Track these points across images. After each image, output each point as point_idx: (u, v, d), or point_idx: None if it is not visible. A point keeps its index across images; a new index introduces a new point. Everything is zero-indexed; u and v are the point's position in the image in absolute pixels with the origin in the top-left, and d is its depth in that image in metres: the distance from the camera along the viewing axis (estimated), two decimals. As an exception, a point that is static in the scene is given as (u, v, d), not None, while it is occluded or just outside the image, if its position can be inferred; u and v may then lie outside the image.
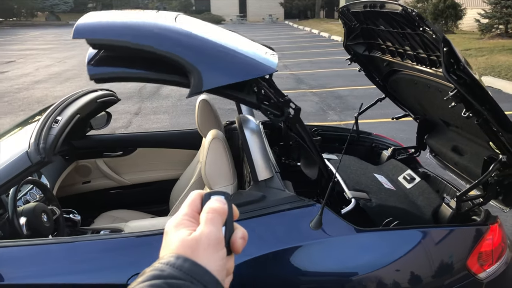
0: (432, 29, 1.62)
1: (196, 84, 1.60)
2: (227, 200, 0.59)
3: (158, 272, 0.49)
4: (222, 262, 0.53)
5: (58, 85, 10.59)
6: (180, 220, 0.56)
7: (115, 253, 1.76)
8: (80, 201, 3.17)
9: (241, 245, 0.56)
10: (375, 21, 2.19)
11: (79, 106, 2.26)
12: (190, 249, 0.52)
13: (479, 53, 12.40)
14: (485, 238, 1.82)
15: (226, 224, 0.57)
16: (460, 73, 1.59)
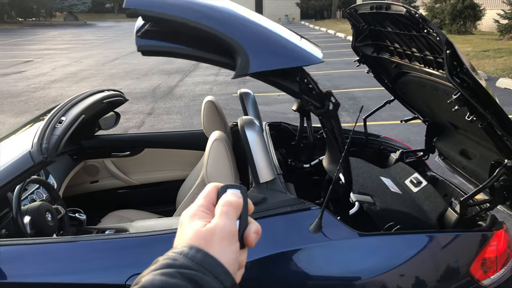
0: (436, 31, 1.59)
1: (243, 66, 1.58)
2: (243, 194, 0.59)
3: (171, 261, 0.50)
4: (235, 255, 0.54)
5: (74, 85, 10.72)
6: (195, 211, 0.57)
7: (115, 253, 1.77)
8: (88, 200, 3.20)
9: (254, 239, 0.57)
10: (383, 22, 2.16)
11: (85, 106, 2.28)
12: (204, 240, 0.53)
13: (497, 54, 12.20)
14: (489, 244, 1.78)
15: (241, 218, 0.57)
16: (463, 76, 1.56)
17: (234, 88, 9.85)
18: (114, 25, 36.50)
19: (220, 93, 9.40)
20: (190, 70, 12.80)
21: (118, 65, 14.03)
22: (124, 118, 7.43)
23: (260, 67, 1.62)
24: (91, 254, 1.77)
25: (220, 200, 0.58)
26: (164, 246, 1.70)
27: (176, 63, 14.28)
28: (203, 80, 11.19)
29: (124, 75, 12.10)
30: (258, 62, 1.62)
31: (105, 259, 1.76)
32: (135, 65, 13.98)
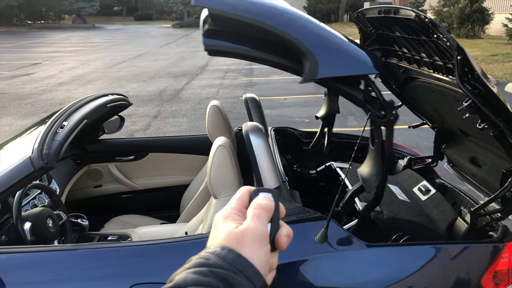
0: (446, 36, 1.54)
1: (312, 71, 1.54)
2: (275, 198, 0.60)
3: (204, 260, 0.52)
4: (266, 257, 0.55)
5: (81, 87, 10.75)
6: (228, 213, 0.59)
7: (117, 262, 1.73)
8: (91, 205, 3.17)
9: (285, 242, 0.58)
10: (391, 27, 2.12)
11: (88, 111, 2.25)
12: (236, 241, 0.54)
13: (506, 59, 12.09)
14: (501, 256, 1.73)
15: (272, 221, 0.59)
16: (474, 82, 1.51)
17: (240, 92, 9.83)
18: (122, 28, 36.68)
19: (226, 96, 9.38)
20: (196, 73, 12.79)
21: (125, 68, 14.06)
22: (130, 121, 7.42)
23: (329, 72, 1.59)
24: (92, 262, 1.73)
25: (252, 203, 0.59)
26: (167, 255, 1.66)
27: (183, 66, 14.29)
28: (210, 83, 11.18)
29: (131, 78, 12.11)
30: (327, 68, 1.59)
31: (107, 268, 1.72)
32: (142, 68, 14.00)
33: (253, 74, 12.57)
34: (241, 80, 11.59)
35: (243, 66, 14.10)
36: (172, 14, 45.78)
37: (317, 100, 8.90)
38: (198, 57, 16.88)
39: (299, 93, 9.62)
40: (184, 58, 16.79)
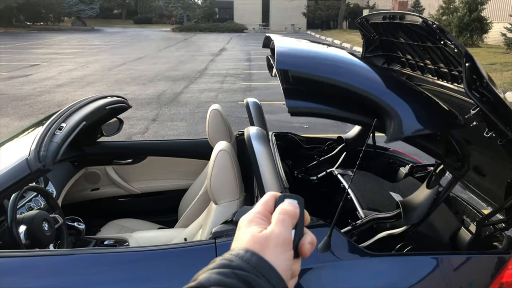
0: (454, 42, 1.51)
1: (397, 130, 1.55)
2: (300, 204, 0.60)
3: (227, 262, 0.53)
4: (289, 262, 0.56)
5: (79, 89, 10.70)
6: (253, 217, 0.59)
7: (113, 268, 1.69)
8: (88, 208, 3.13)
9: (309, 250, 0.59)
10: (395, 33, 2.09)
11: (86, 113, 2.21)
12: (259, 245, 0.55)
13: (504, 68, 12.12)
14: (507, 268, 1.69)
15: (296, 227, 0.59)
16: (483, 90, 1.48)
17: (239, 96, 9.80)
18: (122, 31, 36.70)
19: (225, 101, 9.35)
20: (195, 77, 12.77)
21: (124, 71, 14.03)
22: (128, 124, 7.38)
23: (414, 131, 1.61)
24: (88, 268, 1.69)
25: (277, 208, 0.60)
26: (164, 262, 1.62)
27: (182, 70, 14.28)
28: (209, 87, 11.15)
29: (130, 81, 12.08)
30: (412, 126, 1.61)
31: (103, 273, 1.67)
32: (142, 71, 13.97)
33: (252, 79, 12.56)
34: (240, 84, 11.57)
35: (242, 71, 14.10)
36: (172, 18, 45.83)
37: (316, 106, 8.87)
38: (197, 61, 16.87)
39: (298, 98, 9.59)
40: (183, 61, 16.78)
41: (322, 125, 7.38)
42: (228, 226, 1.71)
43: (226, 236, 1.67)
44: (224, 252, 0.54)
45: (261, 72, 13.80)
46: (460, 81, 1.77)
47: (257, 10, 42.68)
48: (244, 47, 23.82)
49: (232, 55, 19.31)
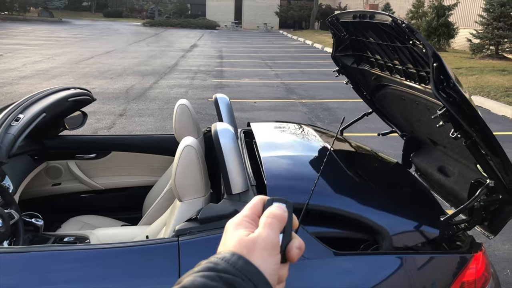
0: (422, 42, 1.52)
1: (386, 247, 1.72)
2: (288, 208, 0.60)
3: (213, 265, 0.52)
4: (275, 266, 0.55)
5: (45, 82, 10.38)
6: (240, 220, 0.58)
7: (71, 266, 1.62)
8: (48, 204, 3.02)
9: (296, 254, 0.58)
10: (365, 32, 2.09)
11: (47, 104, 2.12)
12: (246, 248, 0.54)
13: (469, 73, 12.46)
14: (468, 267, 1.71)
15: (284, 231, 0.58)
16: (450, 91, 1.48)
17: (210, 93, 9.72)
18: (91, 24, 35.86)
19: (195, 97, 9.26)
20: (165, 73, 12.60)
21: (92, 64, 13.71)
22: (94, 119, 7.20)
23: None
24: (45, 266, 1.61)
25: (265, 212, 0.59)
26: (124, 260, 1.56)
27: (151, 65, 14.06)
28: (179, 83, 11.02)
29: (98, 75, 11.81)
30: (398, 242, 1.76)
31: (61, 272, 1.60)
32: (110, 65, 13.69)
33: (223, 76, 12.48)
34: (211, 81, 11.48)
35: (213, 68, 14.00)
36: (143, 12, 45.11)
37: (287, 105, 8.90)
38: (168, 57, 16.65)
39: (269, 97, 9.61)
40: (153, 56, 16.53)
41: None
42: (192, 223, 1.67)
43: (189, 234, 1.63)
44: (187, 250, 0.52)
45: (232, 70, 13.75)
46: (428, 81, 1.79)
47: (230, 8, 42.52)
48: (216, 44, 23.68)
49: (203, 52, 19.16)
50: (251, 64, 15.43)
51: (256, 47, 22.55)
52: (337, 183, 1.99)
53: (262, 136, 2.40)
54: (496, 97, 9.38)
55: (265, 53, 19.40)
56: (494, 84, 10.60)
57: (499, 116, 8.24)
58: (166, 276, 1.56)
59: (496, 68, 13.03)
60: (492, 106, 8.68)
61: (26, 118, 1.90)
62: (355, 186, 2.06)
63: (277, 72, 13.49)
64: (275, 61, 16.44)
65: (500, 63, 14.33)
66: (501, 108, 8.42)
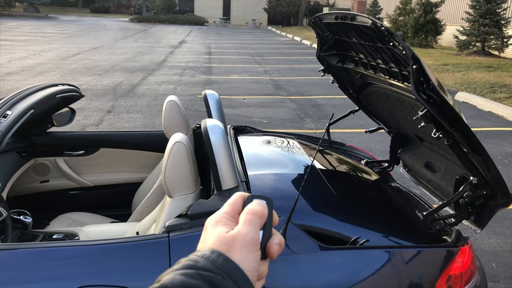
0: (402, 45, 1.54)
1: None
2: (268, 205, 0.60)
3: (192, 263, 0.51)
4: (255, 263, 0.54)
5: (31, 78, 10.27)
6: (220, 217, 0.58)
7: (60, 263, 1.61)
8: (37, 201, 3.00)
9: (276, 251, 0.58)
10: (348, 32, 2.11)
11: (35, 101, 2.10)
12: (226, 245, 0.54)
13: (456, 69, 12.59)
14: (454, 261, 1.75)
15: (265, 228, 0.58)
16: (429, 92, 1.51)
17: (199, 89, 9.70)
18: (77, 20, 35.51)
19: (184, 94, 9.23)
20: (154, 69, 12.54)
21: (79, 61, 13.58)
22: (82, 115, 7.15)
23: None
24: (34, 263, 1.60)
25: (245, 208, 0.59)
26: (115, 256, 1.56)
27: (140, 61, 13.98)
28: (167, 79, 10.97)
29: (85, 71, 11.71)
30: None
31: (50, 269, 1.60)
32: (98, 61, 13.58)
33: (212, 72, 12.46)
34: (200, 78, 11.45)
35: (202, 64, 13.96)
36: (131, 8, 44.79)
37: (276, 101, 8.91)
38: (156, 53, 16.56)
39: (258, 93, 9.61)
40: (141, 53, 16.43)
41: (281, 121, 7.42)
42: (182, 219, 1.67)
43: (180, 230, 1.63)
44: (177, 246, 0.52)
45: (221, 66, 13.72)
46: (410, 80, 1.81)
47: (218, 4, 42.37)
48: (205, 40, 23.60)
49: (192, 48, 19.09)
50: (239, 60, 15.41)
51: (245, 43, 22.52)
52: (317, 200, 2.02)
53: (249, 151, 2.44)
54: (482, 93, 9.50)
55: (254, 50, 19.39)
56: (480, 80, 10.73)
57: (486, 112, 8.34)
58: (156, 272, 1.56)
59: (482, 65, 13.18)
60: (478, 102, 8.78)
61: (13, 115, 1.89)
62: (335, 203, 2.08)
63: (266, 68, 13.49)
64: (263, 58, 16.44)
65: (486, 60, 14.49)
66: (487, 104, 8.52)
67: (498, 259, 3.44)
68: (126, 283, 1.55)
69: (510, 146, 6.23)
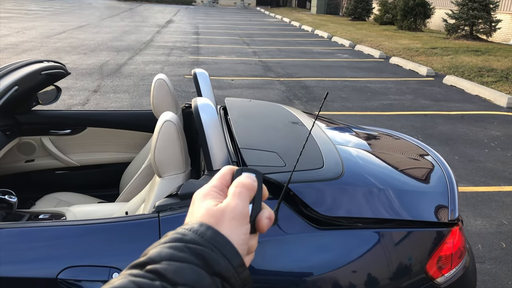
0: None
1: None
2: (258, 178, 0.58)
3: (180, 236, 0.50)
4: (245, 237, 0.54)
5: (14, 56, 10.04)
6: (208, 190, 0.57)
7: (47, 243, 1.58)
8: (22, 181, 2.94)
9: (266, 224, 0.57)
10: None
11: (19, 77, 2.03)
12: (214, 218, 0.53)
13: (444, 52, 12.60)
14: (445, 242, 1.75)
15: (254, 201, 0.57)
16: None
17: (186, 70, 9.58)
18: (62, -3, 34.71)
19: (172, 74, 9.11)
20: (140, 49, 12.34)
21: (64, 39, 13.30)
22: (68, 95, 7.02)
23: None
24: (19, 243, 1.56)
25: (234, 181, 0.57)
26: (104, 236, 1.53)
27: (126, 41, 13.74)
28: (154, 59, 10.82)
29: (70, 50, 11.48)
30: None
31: (36, 249, 1.56)
32: (83, 40, 13.31)
33: (199, 53, 12.31)
34: (187, 58, 11.30)
35: (190, 44, 13.78)
36: (117, -14, 43.82)
37: (264, 83, 8.84)
38: (143, 32, 16.29)
39: (247, 75, 9.53)
40: (127, 32, 16.14)
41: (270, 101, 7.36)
42: (173, 199, 1.64)
43: (170, 210, 1.60)
44: (167, 226, 0.50)
45: (209, 47, 13.55)
46: None
47: (206, -17, 41.71)
48: (192, 20, 23.26)
49: (179, 28, 18.81)
50: (228, 41, 15.24)
51: (233, 23, 22.26)
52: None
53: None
54: (470, 77, 9.54)
55: (242, 30, 19.18)
56: (468, 64, 10.76)
57: (473, 95, 8.39)
58: (146, 253, 1.54)
59: (470, 49, 13.21)
60: (466, 86, 8.82)
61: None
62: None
63: (255, 49, 13.36)
64: (252, 39, 16.28)
65: (474, 44, 14.53)
66: (475, 88, 8.56)
67: (484, 241, 3.48)
68: (114, 264, 1.52)
69: (496, 130, 6.29)
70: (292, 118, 2.42)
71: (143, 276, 0.47)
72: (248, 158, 1.80)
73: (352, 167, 1.93)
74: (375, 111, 6.85)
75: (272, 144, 2.01)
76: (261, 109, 2.60)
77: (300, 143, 2.04)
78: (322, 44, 15.33)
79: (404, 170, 2.06)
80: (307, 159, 1.86)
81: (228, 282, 0.49)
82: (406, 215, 1.77)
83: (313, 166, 1.82)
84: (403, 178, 1.97)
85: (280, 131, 2.21)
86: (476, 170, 4.84)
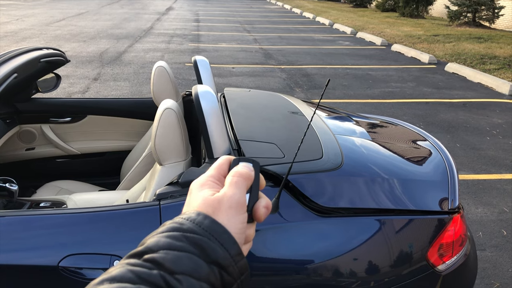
0: None
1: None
2: (255, 168, 0.59)
3: (178, 225, 0.51)
4: (242, 225, 0.54)
5: (14, 44, 9.99)
6: (205, 180, 0.57)
7: (48, 231, 1.58)
8: (23, 169, 2.94)
9: (263, 214, 0.57)
10: None
11: (18, 64, 2.01)
12: (212, 208, 0.53)
13: (446, 40, 12.52)
14: (446, 229, 1.74)
15: (251, 191, 0.57)
16: None
17: (187, 57, 9.53)
18: (61, -16, 34.39)
19: (172, 62, 9.06)
20: (140, 36, 12.27)
21: (64, 27, 13.22)
22: (68, 83, 7.00)
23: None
24: (21, 231, 1.56)
25: (231, 171, 0.58)
26: (105, 224, 1.53)
27: (126, 28, 13.66)
28: (154, 47, 10.76)
29: (70, 37, 11.42)
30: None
31: (37, 237, 1.56)
32: (83, 28, 13.23)
33: (200, 40, 12.23)
34: (188, 45, 11.24)
35: (190, 32, 13.70)
36: (116, -27, 43.46)
37: (265, 70, 8.80)
38: (143, 20, 16.19)
39: (247, 62, 9.48)
40: (127, 19, 16.04)
41: (271, 90, 7.33)
42: (173, 187, 1.64)
43: (170, 198, 1.60)
44: (168, 214, 0.49)
45: (209, 34, 13.47)
46: None
47: (207, -30, 41.33)
48: (193, 7, 23.09)
49: (179, 15, 18.68)
50: (228, 28, 15.14)
51: (234, 11, 22.09)
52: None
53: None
54: (472, 65, 9.48)
55: (243, 17, 19.04)
56: (470, 52, 10.69)
57: (475, 83, 8.34)
58: (147, 240, 1.54)
59: (472, 36, 13.12)
60: (468, 73, 8.77)
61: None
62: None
63: (255, 37, 13.28)
64: (253, 26, 16.17)
65: (476, 31, 14.42)
66: (477, 76, 8.52)
67: (484, 228, 3.49)
68: (116, 252, 1.52)
69: (498, 117, 6.27)
70: (292, 108, 2.40)
71: (141, 265, 0.47)
72: (247, 149, 1.79)
73: (353, 157, 1.91)
74: (377, 99, 6.83)
75: (271, 135, 1.99)
76: (260, 100, 2.57)
77: (299, 134, 2.02)
78: (324, 31, 15.23)
79: (405, 159, 2.04)
80: (306, 150, 1.85)
81: (226, 271, 0.49)
82: (407, 205, 1.76)
83: (312, 157, 1.81)
84: (404, 167, 1.96)
85: (280, 122, 2.20)
86: (477, 158, 4.84)
